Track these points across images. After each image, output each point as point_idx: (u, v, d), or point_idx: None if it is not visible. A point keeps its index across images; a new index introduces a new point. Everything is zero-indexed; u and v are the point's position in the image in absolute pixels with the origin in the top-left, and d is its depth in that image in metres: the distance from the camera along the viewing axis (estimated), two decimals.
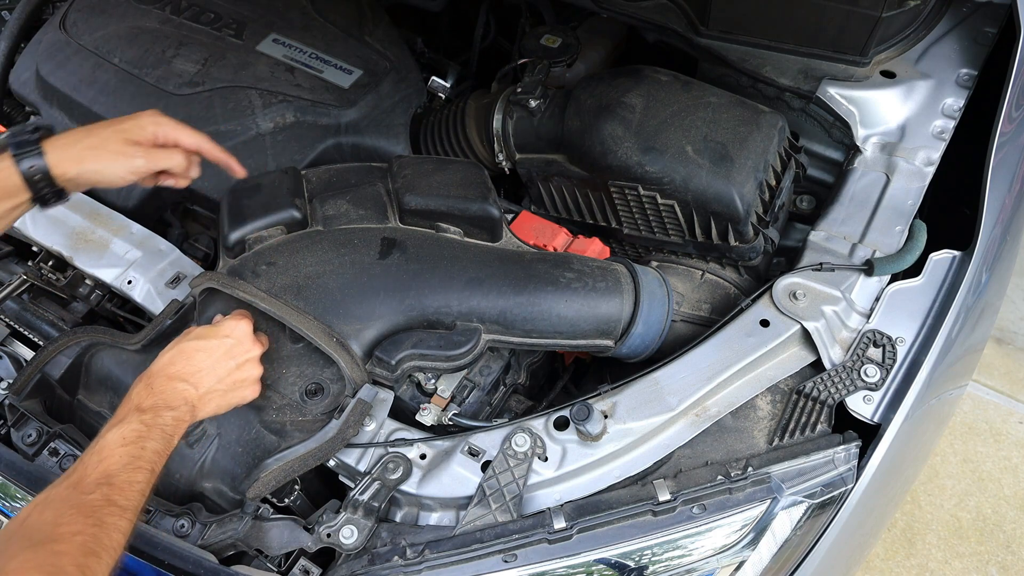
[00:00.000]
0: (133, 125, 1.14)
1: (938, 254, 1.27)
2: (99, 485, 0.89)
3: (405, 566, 1.05)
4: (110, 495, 0.88)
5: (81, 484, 0.89)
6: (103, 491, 0.88)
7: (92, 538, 0.83)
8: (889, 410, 1.13)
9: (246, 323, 1.15)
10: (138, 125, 1.14)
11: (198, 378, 1.07)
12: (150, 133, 1.15)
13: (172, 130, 1.17)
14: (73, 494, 0.88)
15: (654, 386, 1.17)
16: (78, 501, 0.87)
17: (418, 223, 1.33)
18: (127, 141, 1.12)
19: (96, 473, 0.90)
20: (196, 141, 1.20)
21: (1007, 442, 2.49)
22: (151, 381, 1.05)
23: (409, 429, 1.19)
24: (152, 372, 1.07)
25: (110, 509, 0.87)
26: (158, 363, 1.08)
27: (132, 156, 1.12)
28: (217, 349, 1.10)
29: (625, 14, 1.60)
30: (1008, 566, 2.24)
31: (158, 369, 1.07)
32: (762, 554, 1.08)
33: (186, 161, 1.19)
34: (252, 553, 1.11)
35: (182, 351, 1.09)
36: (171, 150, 1.17)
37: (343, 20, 1.80)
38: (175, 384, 1.05)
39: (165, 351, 1.11)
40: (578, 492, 1.11)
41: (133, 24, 1.73)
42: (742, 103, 1.44)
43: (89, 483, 0.89)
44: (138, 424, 0.97)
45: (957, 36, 1.51)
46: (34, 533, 0.82)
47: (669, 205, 1.40)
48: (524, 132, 1.58)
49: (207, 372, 1.08)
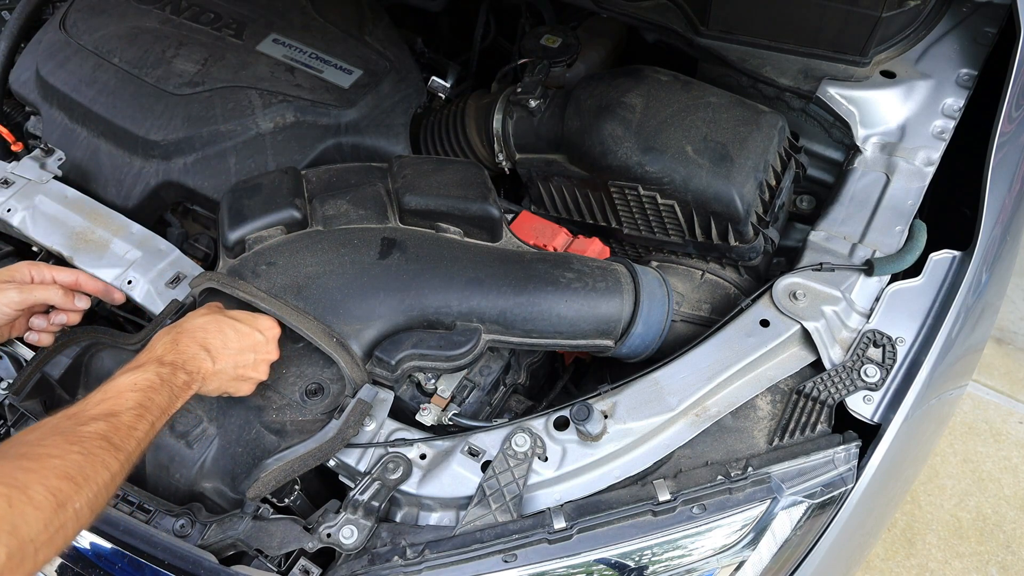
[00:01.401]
0: (7, 269, 1.22)
1: (938, 254, 1.27)
2: (96, 420, 0.86)
3: (405, 566, 1.05)
4: (106, 432, 0.85)
5: (77, 415, 0.86)
6: (99, 426, 0.85)
7: (73, 464, 0.78)
8: (889, 410, 1.14)
9: (279, 331, 1.18)
10: (12, 268, 1.22)
11: (219, 354, 1.07)
12: (24, 273, 1.21)
13: (47, 269, 1.24)
14: (65, 422, 0.84)
15: (654, 386, 1.17)
16: (67, 429, 0.83)
17: (418, 223, 1.33)
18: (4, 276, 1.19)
19: (96, 409, 0.88)
20: (72, 277, 1.26)
21: (1007, 442, 2.49)
22: (179, 338, 1.05)
23: (409, 429, 1.19)
24: (183, 329, 1.07)
25: (101, 443, 0.83)
26: (190, 323, 1.09)
27: (4, 290, 1.17)
28: (248, 337, 1.11)
29: (625, 14, 1.60)
30: (1008, 566, 2.24)
31: (189, 329, 1.07)
32: (762, 554, 1.08)
33: (65, 294, 1.24)
34: (252, 553, 1.10)
35: (217, 322, 1.10)
36: (47, 285, 1.23)
37: (343, 20, 1.80)
38: (199, 351, 1.05)
39: (198, 314, 1.12)
40: (578, 492, 1.11)
41: (133, 24, 1.73)
42: (742, 103, 1.44)
43: (86, 416, 0.86)
44: (154, 375, 0.97)
45: (957, 36, 1.51)
46: (10, 448, 0.78)
47: (669, 205, 1.40)
48: (524, 132, 1.58)
49: (229, 354, 1.09)
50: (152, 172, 1.56)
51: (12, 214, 1.47)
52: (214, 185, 1.54)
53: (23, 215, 1.47)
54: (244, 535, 1.09)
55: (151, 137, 1.55)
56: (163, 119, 1.56)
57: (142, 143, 1.56)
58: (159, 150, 1.56)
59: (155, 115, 1.57)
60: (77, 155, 1.60)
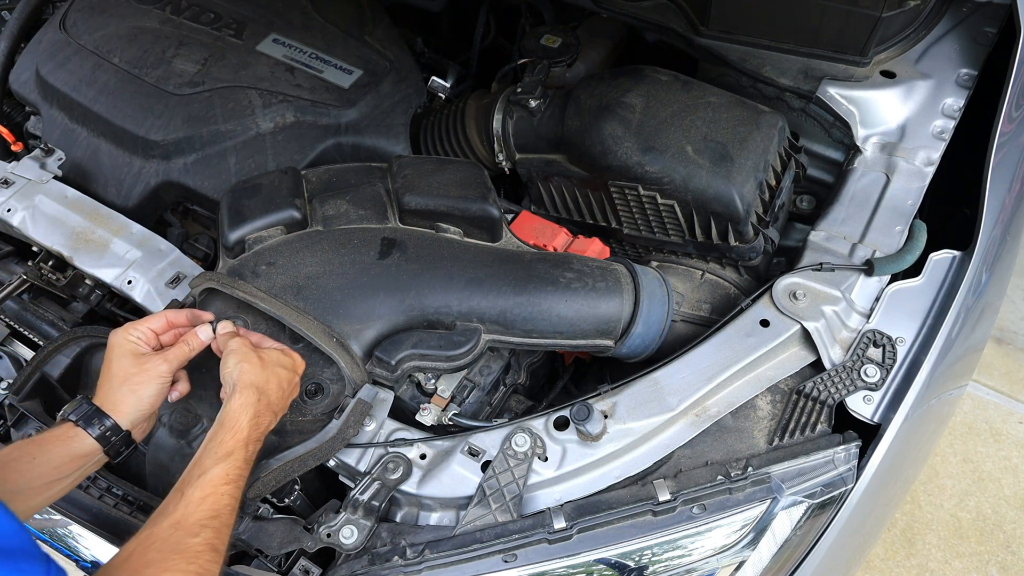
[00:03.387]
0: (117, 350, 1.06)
1: (938, 254, 1.27)
2: (203, 528, 0.87)
3: (405, 566, 1.05)
4: (213, 541, 0.87)
5: (184, 524, 0.87)
6: (207, 535, 0.87)
7: None
8: (889, 410, 1.13)
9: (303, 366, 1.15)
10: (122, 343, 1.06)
11: (282, 410, 1.08)
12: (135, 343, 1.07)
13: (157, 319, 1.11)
14: (176, 535, 0.86)
15: (654, 386, 1.17)
16: (181, 545, 0.85)
17: (418, 223, 1.33)
18: (136, 356, 1.05)
19: (199, 513, 0.88)
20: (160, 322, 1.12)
21: (1007, 442, 2.49)
22: (259, 412, 1.01)
23: (409, 429, 1.19)
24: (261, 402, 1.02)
25: (211, 556, 0.86)
26: (266, 387, 1.03)
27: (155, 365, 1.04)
28: (292, 381, 1.10)
29: (625, 14, 1.60)
30: (1008, 566, 2.24)
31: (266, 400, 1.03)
32: (762, 554, 1.08)
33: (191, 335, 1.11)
34: (252, 553, 1.11)
35: (277, 378, 1.06)
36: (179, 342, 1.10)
37: (343, 20, 1.80)
38: (269, 416, 1.04)
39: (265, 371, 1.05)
40: (578, 492, 1.11)
41: (133, 24, 1.73)
42: (742, 103, 1.44)
43: (192, 524, 0.87)
44: (243, 462, 0.96)
45: (957, 36, 1.51)
46: (136, 562, 0.81)
47: (669, 205, 1.40)
48: (524, 132, 1.58)
49: (285, 404, 1.09)
50: (152, 172, 1.56)
51: (12, 214, 1.47)
52: (214, 185, 1.54)
53: (23, 215, 1.47)
54: (244, 535, 1.09)
55: (151, 137, 1.55)
56: (163, 119, 1.56)
57: (142, 143, 1.56)
58: (159, 150, 1.56)
59: (155, 115, 1.57)
60: (77, 155, 1.61)
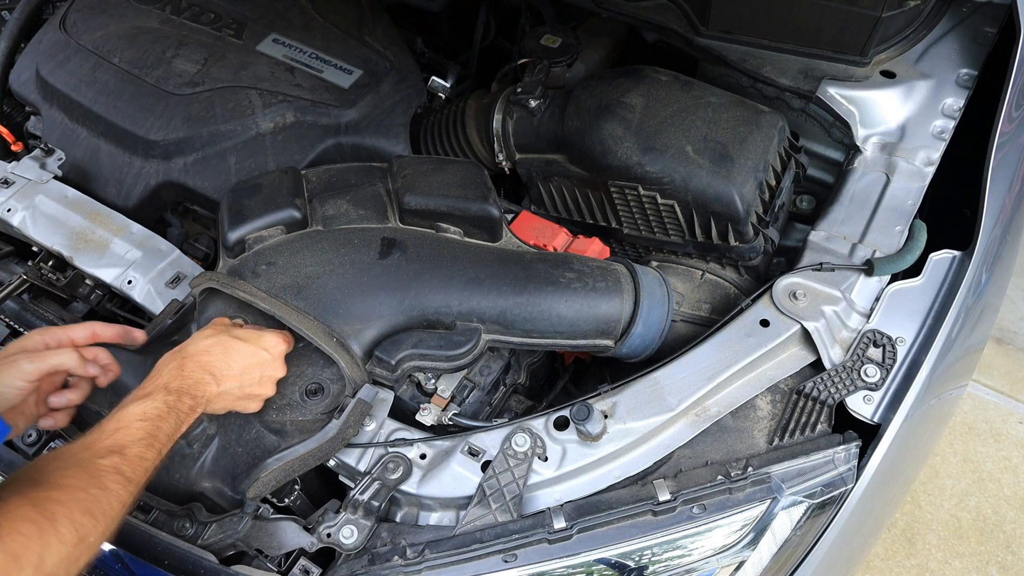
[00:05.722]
0: (18, 341, 1.11)
1: (938, 254, 1.27)
2: (111, 452, 0.90)
3: (405, 566, 1.05)
4: (120, 465, 0.89)
5: (94, 446, 0.90)
6: (114, 459, 0.89)
7: (92, 499, 0.84)
8: (889, 410, 1.14)
9: (287, 347, 1.18)
10: (24, 338, 1.11)
11: (224, 376, 1.08)
12: (36, 341, 1.10)
13: (60, 331, 1.13)
14: (83, 453, 0.89)
15: (654, 386, 1.17)
16: (87, 461, 0.88)
17: (418, 223, 1.33)
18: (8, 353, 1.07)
19: (110, 440, 0.91)
20: (87, 331, 1.15)
21: (1007, 442, 2.49)
22: (184, 363, 1.05)
23: (409, 429, 1.19)
24: (187, 354, 1.07)
25: (116, 477, 0.88)
26: (195, 346, 1.08)
27: (15, 362, 1.05)
28: (253, 356, 1.11)
29: (625, 14, 1.60)
30: (1008, 566, 2.24)
31: (194, 352, 1.07)
32: (762, 554, 1.08)
33: (80, 359, 1.11)
34: (252, 553, 1.11)
35: (222, 344, 1.10)
36: (61, 349, 1.11)
37: (343, 20, 1.80)
38: (204, 375, 1.06)
39: (203, 334, 1.11)
40: (578, 492, 1.11)
41: (133, 24, 1.73)
42: (742, 103, 1.44)
43: (102, 447, 0.90)
44: (162, 403, 0.98)
45: (957, 36, 1.51)
46: (37, 475, 0.83)
47: (669, 205, 1.40)
48: (524, 132, 1.58)
49: (234, 375, 1.09)
50: (152, 172, 1.56)
51: (12, 214, 1.47)
52: (214, 185, 1.54)
53: (23, 215, 1.47)
54: (244, 535, 1.09)
55: (151, 137, 1.55)
56: (163, 119, 1.56)
57: (142, 143, 1.56)
58: (159, 150, 1.56)
59: (155, 115, 1.57)
60: (77, 155, 1.61)
